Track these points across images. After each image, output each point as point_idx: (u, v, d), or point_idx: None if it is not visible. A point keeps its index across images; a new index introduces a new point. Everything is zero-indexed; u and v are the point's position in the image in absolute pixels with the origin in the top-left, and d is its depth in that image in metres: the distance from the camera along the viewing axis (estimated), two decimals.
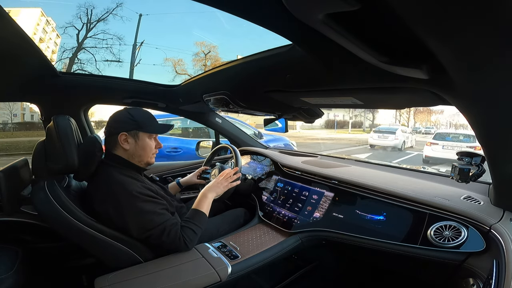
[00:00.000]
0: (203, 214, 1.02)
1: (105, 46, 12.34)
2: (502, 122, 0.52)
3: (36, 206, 0.86)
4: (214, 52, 16.48)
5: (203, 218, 1.01)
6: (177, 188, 1.37)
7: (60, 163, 0.88)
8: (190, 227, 0.96)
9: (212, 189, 1.09)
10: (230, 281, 0.88)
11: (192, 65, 16.43)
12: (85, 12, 11.57)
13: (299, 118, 1.26)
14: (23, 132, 13.54)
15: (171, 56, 19.36)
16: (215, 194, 1.10)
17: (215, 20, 24.38)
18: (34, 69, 1.01)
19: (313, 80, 0.74)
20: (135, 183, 0.92)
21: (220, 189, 1.12)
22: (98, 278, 0.82)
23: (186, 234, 0.94)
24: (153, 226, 0.88)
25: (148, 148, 1.00)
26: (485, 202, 0.87)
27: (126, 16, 12.96)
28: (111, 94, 1.41)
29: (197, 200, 1.06)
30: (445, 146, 6.43)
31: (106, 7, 11.93)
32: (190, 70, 16.38)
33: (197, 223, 0.98)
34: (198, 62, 16.44)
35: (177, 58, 16.56)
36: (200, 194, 1.08)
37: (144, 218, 0.88)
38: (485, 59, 0.36)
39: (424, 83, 0.53)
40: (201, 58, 16.38)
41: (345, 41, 0.42)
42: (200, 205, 1.03)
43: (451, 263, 0.78)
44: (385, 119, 27.65)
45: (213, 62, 15.80)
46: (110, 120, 0.99)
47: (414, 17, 0.32)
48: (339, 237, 1.01)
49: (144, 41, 12.26)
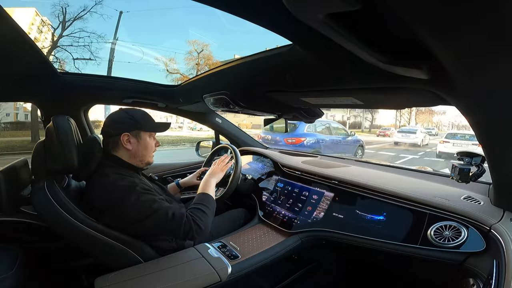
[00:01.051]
0: (210, 196, 1.03)
1: (83, 44, 12.00)
2: (502, 122, 0.52)
3: (36, 206, 0.86)
4: (207, 51, 16.32)
5: (211, 199, 1.02)
6: (176, 189, 1.36)
7: (59, 164, 0.88)
8: (198, 207, 0.95)
9: (212, 175, 1.13)
10: (230, 281, 0.88)
11: (184, 64, 16.23)
12: (60, 10, 11.32)
13: (299, 118, 1.26)
14: (9, 132, 13.53)
15: (162, 54, 19.20)
16: (216, 179, 1.13)
17: (212, 16, 24.24)
18: (34, 69, 1.01)
19: (313, 80, 0.74)
20: (132, 180, 0.91)
21: (219, 173, 1.16)
22: (98, 278, 0.82)
23: (195, 214, 0.91)
24: (152, 211, 0.85)
25: (149, 147, 1.01)
26: (485, 202, 0.87)
27: (107, 14, 12.70)
28: (111, 94, 1.41)
29: (200, 186, 1.08)
30: (455, 144, 7.72)
31: (83, 5, 11.59)
32: (182, 69, 16.23)
33: (205, 203, 0.97)
34: (190, 61, 16.25)
35: (169, 57, 16.39)
36: (202, 181, 1.11)
37: (143, 205, 0.85)
38: (485, 59, 0.36)
39: (424, 83, 0.52)
40: (194, 57, 16.22)
41: (345, 41, 0.42)
42: (205, 190, 1.05)
43: (451, 263, 0.78)
44: (385, 120, 27.60)
45: (206, 61, 15.68)
46: (108, 121, 0.98)
47: (414, 17, 0.32)
48: (339, 237, 1.01)
49: (119, 39, 11.93)
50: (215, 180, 1.13)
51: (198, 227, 0.89)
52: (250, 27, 25.98)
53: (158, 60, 15.88)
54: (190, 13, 24.42)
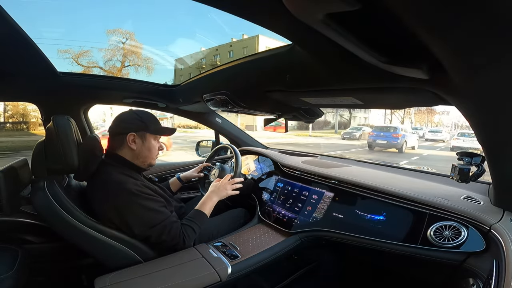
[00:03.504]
0: (205, 215, 1.05)
1: None
2: (502, 122, 0.52)
3: (36, 206, 0.86)
4: (133, 41, 15.40)
5: (204, 219, 1.04)
6: (178, 183, 1.38)
7: (59, 163, 0.88)
8: (191, 225, 0.98)
9: (217, 192, 1.13)
10: (230, 281, 0.88)
11: (101, 56, 15.24)
12: None
13: (299, 118, 1.26)
14: None
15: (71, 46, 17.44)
16: (219, 197, 1.13)
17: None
18: (35, 68, 1.01)
19: (313, 80, 0.74)
20: (135, 182, 0.92)
21: (223, 192, 1.15)
22: (97, 278, 0.82)
23: (186, 232, 0.96)
24: (154, 224, 0.89)
25: (153, 149, 1.02)
26: (485, 202, 0.87)
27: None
28: (111, 94, 1.41)
29: (201, 202, 1.09)
30: (464, 140, 10.36)
31: None
32: (101, 62, 15.34)
33: (198, 223, 1.00)
34: (113, 52, 15.12)
35: (80, 49, 15.02)
36: (205, 196, 1.12)
37: (145, 216, 0.89)
38: (485, 59, 0.36)
39: (424, 83, 0.52)
40: (117, 48, 15.27)
41: (345, 41, 0.42)
42: (203, 207, 1.07)
43: (451, 263, 0.78)
44: (375, 119, 27.34)
45: (130, 52, 14.72)
46: (117, 120, 1.00)
47: (414, 17, 0.32)
48: (339, 237, 1.01)
49: None
50: (217, 198, 1.12)
51: (183, 244, 0.95)
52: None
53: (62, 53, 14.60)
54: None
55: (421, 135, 16.41)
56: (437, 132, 17.26)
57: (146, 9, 25.48)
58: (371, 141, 10.70)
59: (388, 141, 10.19)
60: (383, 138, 10.35)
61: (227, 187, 1.16)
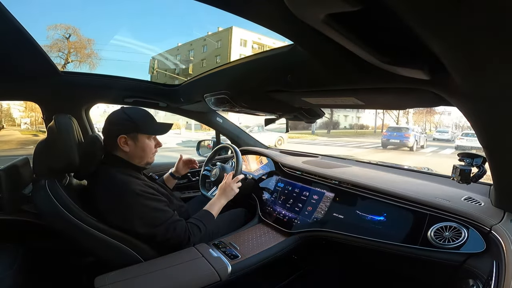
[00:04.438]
0: (212, 216, 1.07)
1: None
2: (503, 124, 0.52)
3: (37, 205, 0.86)
4: (76, 36, 14.27)
5: (212, 219, 1.06)
6: (172, 180, 1.35)
7: (61, 162, 0.88)
8: (197, 224, 0.99)
9: (225, 194, 1.15)
10: (230, 280, 0.88)
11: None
12: None
13: (300, 118, 1.26)
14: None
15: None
16: (228, 198, 1.16)
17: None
18: (36, 67, 1.01)
19: (314, 80, 0.74)
20: (137, 182, 0.92)
21: (230, 192, 1.17)
22: (98, 277, 0.82)
23: (192, 230, 0.97)
24: (160, 222, 0.90)
25: (148, 149, 1.00)
26: (485, 203, 0.87)
27: None
28: (112, 93, 1.41)
29: (210, 203, 1.12)
30: (468, 139, 10.93)
31: None
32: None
33: (205, 222, 1.02)
34: (54, 48, 13.83)
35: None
36: (214, 197, 1.15)
37: (150, 216, 0.89)
38: (487, 59, 0.36)
39: (426, 84, 0.52)
40: (62, 44, 14.11)
41: (347, 41, 0.42)
42: (211, 207, 1.09)
43: (451, 264, 0.78)
44: (368, 118, 27.10)
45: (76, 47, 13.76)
46: (107, 122, 0.97)
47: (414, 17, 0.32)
48: (339, 237, 1.01)
49: None
50: (226, 200, 1.15)
51: (188, 241, 0.96)
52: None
53: None
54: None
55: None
56: (444, 132, 18.15)
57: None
58: (385, 140, 11.53)
59: (400, 140, 11.00)
60: (396, 138, 11.16)
61: (232, 186, 1.17)
